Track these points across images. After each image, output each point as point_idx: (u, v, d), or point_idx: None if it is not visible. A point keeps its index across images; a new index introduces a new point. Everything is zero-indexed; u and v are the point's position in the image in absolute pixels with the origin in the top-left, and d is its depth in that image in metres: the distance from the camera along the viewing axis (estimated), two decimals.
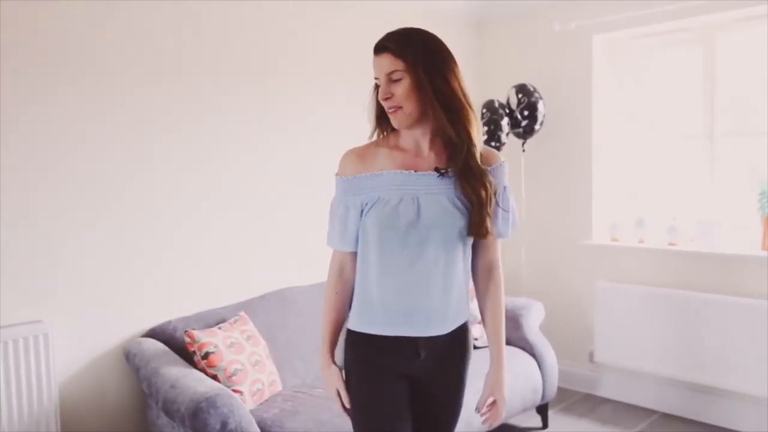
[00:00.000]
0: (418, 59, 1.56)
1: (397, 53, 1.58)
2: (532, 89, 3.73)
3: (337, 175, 1.70)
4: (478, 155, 1.62)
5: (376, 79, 1.63)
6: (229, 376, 2.54)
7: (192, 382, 2.35)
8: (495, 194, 1.64)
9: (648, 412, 3.53)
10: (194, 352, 2.56)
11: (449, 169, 1.61)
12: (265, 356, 2.76)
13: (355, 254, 1.71)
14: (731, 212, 3.37)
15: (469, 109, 1.60)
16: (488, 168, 1.64)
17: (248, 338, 2.73)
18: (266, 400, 2.64)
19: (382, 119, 1.69)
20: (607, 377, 3.77)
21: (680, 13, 3.35)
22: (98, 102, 2.65)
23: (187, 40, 2.90)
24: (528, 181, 3.99)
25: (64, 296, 2.59)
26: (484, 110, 3.73)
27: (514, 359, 3.19)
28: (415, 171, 1.63)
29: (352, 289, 1.73)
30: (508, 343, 3.32)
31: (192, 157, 2.95)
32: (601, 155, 3.80)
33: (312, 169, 3.38)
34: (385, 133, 1.70)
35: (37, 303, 2.53)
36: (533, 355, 3.27)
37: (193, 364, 2.57)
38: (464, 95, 1.60)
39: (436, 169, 1.62)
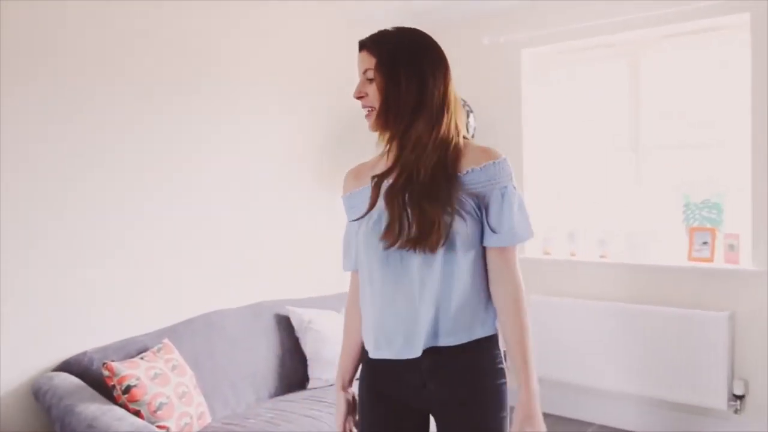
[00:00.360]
0: (383, 59, 1.49)
1: (370, 50, 1.52)
2: (462, 102, 3.74)
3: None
4: (429, 164, 1.45)
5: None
6: (154, 411, 2.36)
7: (112, 420, 2.17)
8: (468, 206, 1.45)
9: (582, 424, 3.59)
10: (114, 386, 2.37)
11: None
12: (193, 387, 2.59)
13: (355, 276, 1.65)
14: (658, 224, 3.49)
15: (432, 115, 1.47)
16: (469, 167, 1.47)
17: (174, 368, 2.56)
18: None
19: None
20: (541, 390, 3.79)
21: (606, 29, 3.45)
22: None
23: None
24: None
25: None
26: None
27: None
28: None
29: (356, 315, 1.65)
30: None
31: (106, 173, 2.75)
32: (531, 169, 3.85)
33: (242, 185, 3.25)
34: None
35: None
36: None
37: (112, 399, 2.37)
38: (422, 101, 1.47)
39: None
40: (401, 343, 1.48)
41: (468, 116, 3.74)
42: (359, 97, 1.54)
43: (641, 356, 3.33)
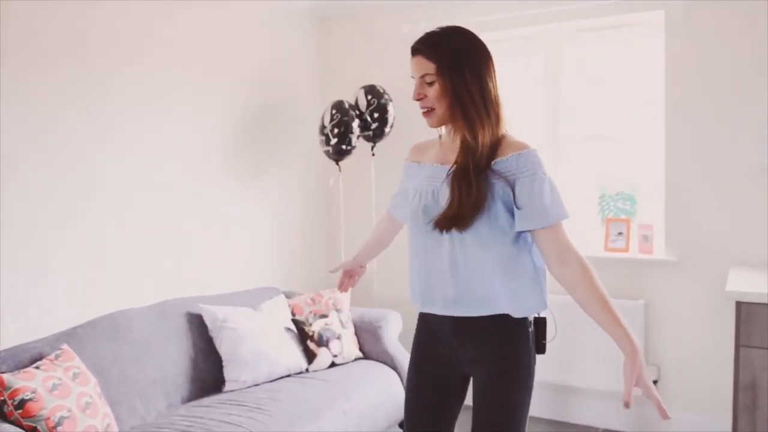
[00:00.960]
0: (447, 63, 1.67)
1: (428, 56, 1.69)
2: (381, 91, 3.70)
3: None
4: (480, 154, 1.66)
5: (412, 77, 1.75)
6: (53, 427, 2.14)
7: None
8: (499, 188, 1.67)
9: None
10: (4, 401, 2.13)
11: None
12: (97, 396, 2.39)
13: (390, 217, 2.12)
14: (575, 215, 3.59)
15: (485, 114, 1.67)
16: (501, 157, 1.67)
17: (75, 377, 2.34)
18: None
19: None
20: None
21: (525, 21, 3.52)
22: None
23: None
24: (378, 186, 3.94)
25: None
26: (334, 111, 3.60)
27: (376, 373, 3.11)
28: (441, 165, 1.76)
29: (380, 239, 2.21)
30: (369, 357, 3.26)
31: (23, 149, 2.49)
32: None
33: (148, 179, 3.05)
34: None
35: None
36: (394, 368, 3.21)
37: (3, 416, 2.13)
38: (485, 99, 1.68)
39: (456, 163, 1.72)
40: (441, 304, 1.77)
41: (387, 105, 3.69)
42: (419, 99, 1.72)
43: (560, 346, 3.43)
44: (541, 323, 1.80)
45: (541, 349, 1.80)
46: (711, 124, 3.14)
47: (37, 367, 2.29)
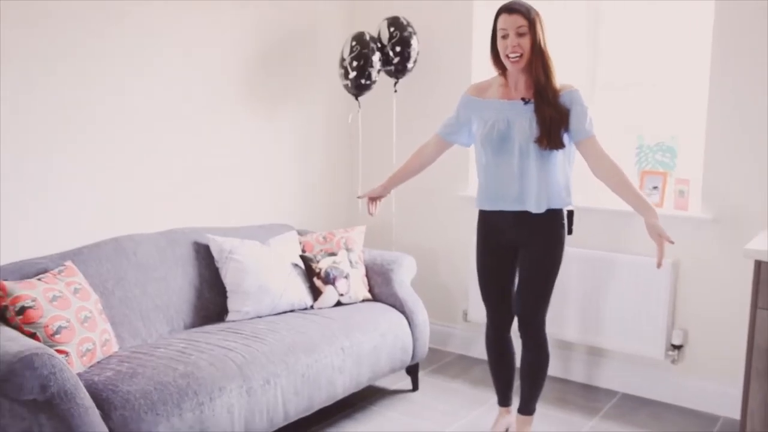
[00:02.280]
0: (534, 23, 2.54)
1: (525, 15, 2.54)
2: (405, 23, 3.73)
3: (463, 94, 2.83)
4: (551, 91, 2.57)
5: (501, 31, 2.57)
6: (51, 335, 2.37)
7: (3, 341, 2.17)
8: (565, 115, 2.57)
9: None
10: (6, 306, 2.37)
11: (531, 100, 2.60)
12: (97, 312, 2.61)
13: (440, 140, 2.93)
14: None
15: (552, 62, 2.58)
16: (560, 95, 2.59)
17: (76, 291, 2.56)
18: (98, 362, 2.50)
19: (497, 62, 2.67)
20: (481, 337, 3.93)
21: None
22: None
23: None
24: (400, 125, 4.01)
25: None
26: (354, 43, 3.65)
27: (383, 316, 3.24)
28: (509, 100, 2.65)
29: (427, 162, 3.01)
30: (379, 299, 3.39)
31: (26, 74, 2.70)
32: None
33: (164, 108, 3.26)
34: (499, 72, 2.70)
35: None
36: (403, 312, 3.33)
37: (5, 321, 2.37)
38: (549, 51, 2.58)
39: (522, 99, 2.62)
40: (509, 203, 2.69)
41: (410, 39, 3.72)
42: (515, 48, 2.54)
43: (585, 304, 3.48)
44: (570, 214, 2.77)
45: (570, 231, 2.77)
46: (758, 81, 3.07)
47: (39, 279, 2.52)
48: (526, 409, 2.92)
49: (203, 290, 3.14)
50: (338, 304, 3.28)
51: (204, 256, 3.19)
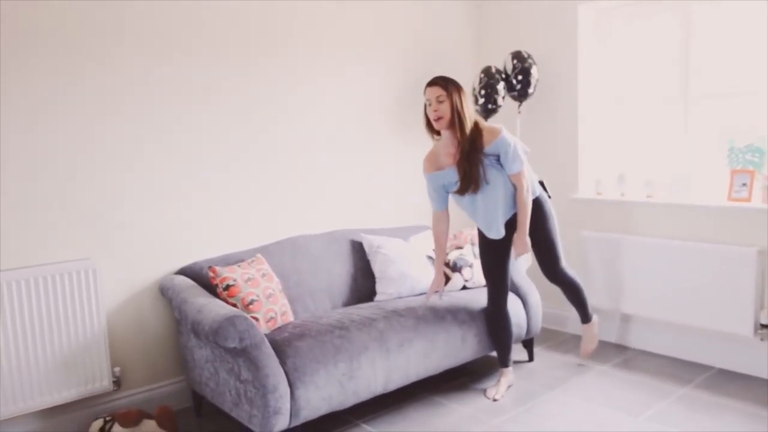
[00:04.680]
0: (452, 92, 3.06)
1: (443, 86, 3.08)
2: (526, 55, 4.18)
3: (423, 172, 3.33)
4: (470, 144, 3.08)
5: (427, 100, 3.09)
6: (247, 305, 3.10)
7: (215, 307, 2.90)
8: (480, 162, 3.10)
9: (624, 349, 4.03)
10: (216, 285, 3.13)
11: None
12: (278, 291, 3.33)
13: (442, 211, 3.35)
14: (703, 168, 3.79)
15: (467, 121, 3.08)
16: (488, 146, 3.10)
17: (263, 275, 3.30)
18: (279, 327, 3.19)
19: (429, 126, 3.18)
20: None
21: None
22: (138, 72, 3.22)
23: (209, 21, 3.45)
24: (524, 141, 4.45)
25: (110, 238, 3.19)
26: (482, 75, 4.19)
27: None
28: (453, 165, 3.17)
29: (445, 230, 3.40)
30: None
31: (231, 115, 3.56)
32: (586, 117, 4.25)
33: (328, 135, 3.98)
34: (434, 136, 3.24)
35: (86, 244, 3.12)
36: (519, 295, 3.78)
37: (215, 295, 3.14)
38: (467, 114, 3.09)
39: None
40: (492, 232, 3.27)
41: (531, 68, 4.16)
42: (436, 111, 3.07)
43: (681, 287, 3.71)
44: (541, 184, 3.41)
45: (549, 196, 3.42)
46: None
47: (238, 266, 3.28)
48: (585, 318, 3.69)
49: (357, 276, 3.80)
50: (464, 287, 3.79)
51: (358, 250, 3.86)
